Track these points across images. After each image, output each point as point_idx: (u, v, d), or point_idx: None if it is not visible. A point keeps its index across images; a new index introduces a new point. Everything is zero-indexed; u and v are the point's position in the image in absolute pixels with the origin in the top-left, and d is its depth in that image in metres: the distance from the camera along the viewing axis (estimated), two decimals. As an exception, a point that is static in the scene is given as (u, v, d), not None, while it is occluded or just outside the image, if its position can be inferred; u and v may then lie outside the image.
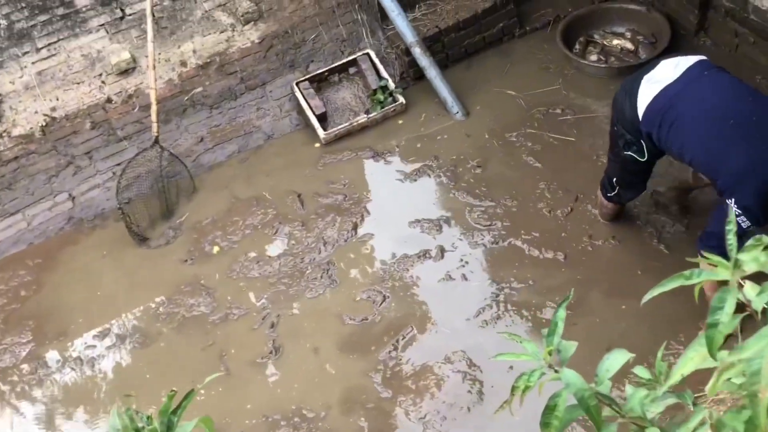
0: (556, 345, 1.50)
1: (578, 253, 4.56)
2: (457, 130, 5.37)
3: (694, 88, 3.62)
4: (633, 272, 4.40)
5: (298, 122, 5.58)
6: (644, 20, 5.75)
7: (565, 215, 4.74)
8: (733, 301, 1.22)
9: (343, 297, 4.59)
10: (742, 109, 3.54)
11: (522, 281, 4.49)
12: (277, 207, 5.11)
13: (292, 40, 5.64)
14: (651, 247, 4.50)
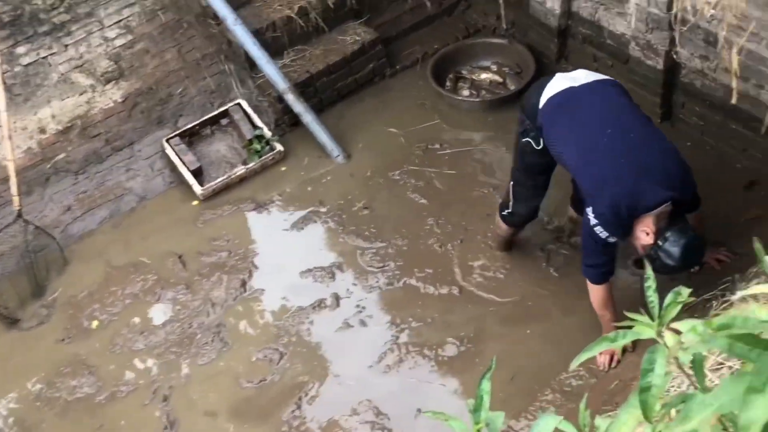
0: (485, 420, 1.48)
1: (473, 285, 4.64)
2: (340, 173, 5.39)
3: (592, 97, 3.85)
4: (528, 298, 4.51)
5: (172, 180, 5.45)
6: (508, 52, 6.01)
7: (456, 249, 4.82)
8: (663, 362, 1.23)
9: (238, 359, 4.47)
10: (624, 124, 3.74)
11: (420, 320, 4.52)
12: (157, 271, 4.95)
13: (157, 96, 5.54)
14: (542, 272, 4.64)
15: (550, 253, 4.71)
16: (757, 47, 4.39)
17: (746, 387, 1.02)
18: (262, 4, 5.77)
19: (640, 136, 3.70)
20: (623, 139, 3.68)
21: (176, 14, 5.67)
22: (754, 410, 1.00)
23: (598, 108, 3.81)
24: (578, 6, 5.46)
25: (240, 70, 5.73)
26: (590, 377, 4.00)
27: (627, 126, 3.73)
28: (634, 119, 3.78)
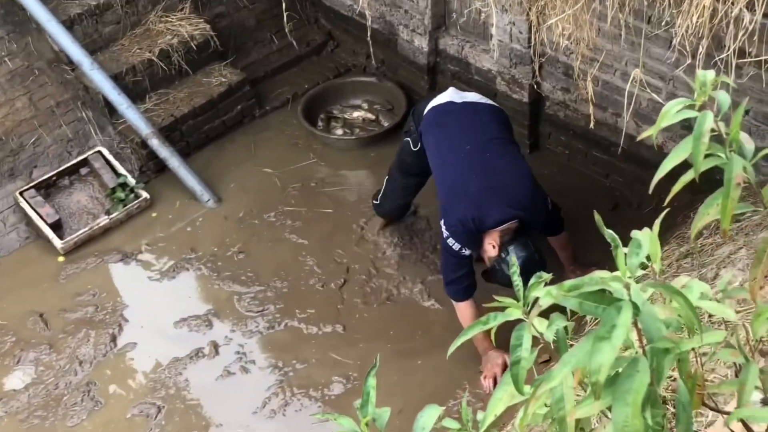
0: (371, 414, 1.54)
1: (357, 322, 4.68)
2: (212, 217, 5.35)
3: (467, 116, 4.22)
4: (415, 330, 4.59)
5: (28, 235, 5.24)
6: (377, 90, 6.21)
7: (339, 287, 4.86)
8: (529, 337, 1.37)
9: (112, 417, 4.31)
10: (485, 145, 4.07)
11: (304, 361, 4.51)
12: (15, 333, 4.72)
13: (8, 147, 5.35)
14: (425, 305, 4.73)
15: (430, 286, 4.82)
16: (612, 78, 4.75)
17: (594, 336, 1.17)
18: (120, 48, 5.73)
19: (498, 157, 4.06)
20: (480, 158, 4.03)
21: (26, 60, 5.53)
22: (601, 355, 1.16)
23: (468, 126, 4.15)
24: (445, 44, 5.71)
25: (99, 117, 5.63)
26: (476, 402, 4.09)
27: (488, 147, 4.08)
28: (498, 143, 4.12)
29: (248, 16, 6.39)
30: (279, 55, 6.44)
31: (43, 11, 5.32)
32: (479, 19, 5.34)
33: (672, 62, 4.20)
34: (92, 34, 5.67)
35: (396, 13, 5.90)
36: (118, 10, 5.73)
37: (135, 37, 5.79)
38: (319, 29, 6.66)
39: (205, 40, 5.88)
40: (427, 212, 5.14)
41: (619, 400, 1.17)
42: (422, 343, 4.48)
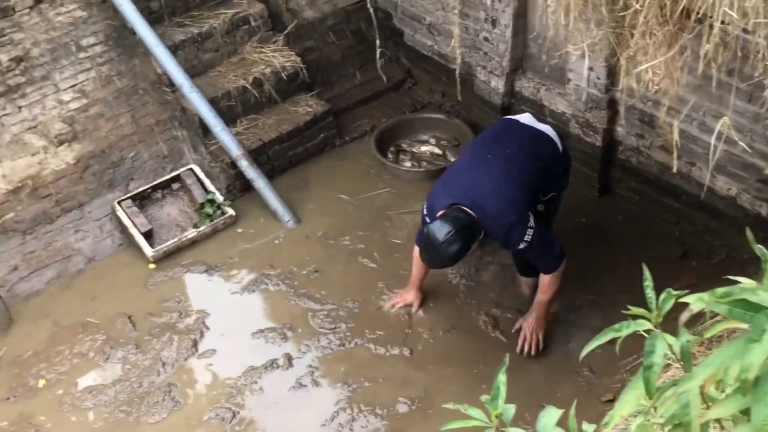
0: (501, 408, 1.67)
1: (423, 347, 4.83)
2: (291, 237, 5.57)
3: (510, 131, 4.59)
4: (479, 359, 4.71)
5: (121, 242, 5.53)
6: (445, 127, 6.41)
7: (406, 312, 5.01)
8: (663, 345, 1.49)
9: (190, 418, 4.51)
10: (499, 157, 4.35)
11: (372, 380, 4.66)
12: (106, 331, 4.98)
13: (110, 159, 5.66)
14: (490, 336, 4.86)
15: (496, 318, 4.95)
16: (689, 127, 4.84)
17: (746, 338, 1.29)
18: (217, 74, 6.03)
19: (497, 169, 4.28)
20: (483, 166, 4.31)
21: (132, 80, 5.86)
22: (752, 355, 1.26)
23: (500, 139, 4.52)
24: (521, 86, 5.88)
25: (193, 137, 5.92)
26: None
27: (499, 158, 4.33)
28: (509, 159, 4.32)
29: (335, 51, 6.66)
30: (361, 89, 6.69)
31: (152, 36, 5.65)
32: (557, 64, 5.50)
33: (752, 116, 4.28)
34: (193, 60, 5.99)
35: (475, 55, 6.10)
36: (218, 39, 6.04)
37: (231, 65, 6.09)
38: (399, 67, 6.89)
39: (295, 72, 6.15)
40: (494, 246, 5.28)
41: (759, 401, 1.27)
42: (487, 372, 4.58)
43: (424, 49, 6.66)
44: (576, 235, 5.32)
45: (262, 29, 6.25)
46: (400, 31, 6.81)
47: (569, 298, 4.96)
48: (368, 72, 6.74)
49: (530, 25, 5.61)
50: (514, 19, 5.61)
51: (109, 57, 5.87)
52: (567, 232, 5.33)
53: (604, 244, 5.27)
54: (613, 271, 5.06)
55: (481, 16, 5.86)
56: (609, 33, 3.91)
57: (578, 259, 5.15)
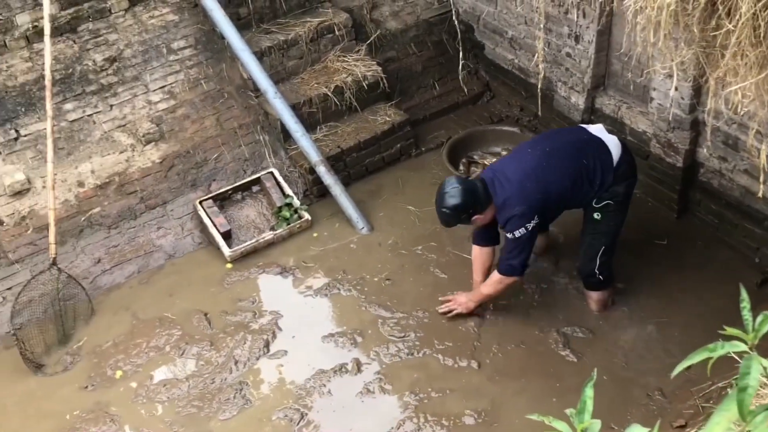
0: (587, 422, 1.65)
1: (492, 361, 4.75)
2: (363, 244, 5.57)
3: (574, 135, 4.66)
4: (548, 376, 4.61)
5: (201, 240, 5.62)
6: (518, 139, 6.25)
7: (477, 325, 4.95)
8: (758, 368, 1.43)
9: (259, 417, 4.53)
10: (549, 155, 4.46)
11: (439, 391, 4.60)
12: (182, 327, 5.05)
13: (193, 160, 5.76)
14: (559, 354, 4.76)
15: (566, 336, 4.85)
16: (773, 150, 4.66)
17: None
18: (300, 81, 6.09)
19: (528, 163, 4.44)
20: (523, 156, 4.53)
21: (218, 84, 5.96)
22: None
23: (549, 138, 4.71)
24: (601, 103, 5.77)
25: (274, 141, 5.98)
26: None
27: (535, 154, 4.47)
28: (544, 156, 4.44)
29: (415, 62, 6.66)
30: (439, 100, 6.67)
31: (240, 42, 5.73)
32: (640, 82, 5.38)
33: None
34: (277, 66, 6.06)
35: (556, 70, 6.01)
36: (303, 46, 6.11)
37: (314, 73, 6.15)
38: (478, 80, 6.85)
39: (376, 81, 6.16)
40: (567, 265, 5.18)
41: None
42: (556, 389, 4.50)
43: (505, 62, 6.60)
44: (653, 256, 5.19)
45: (346, 38, 6.30)
46: (481, 44, 6.77)
47: (642, 319, 4.84)
48: (447, 84, 6.72)
49: (615, 42, 5.50)
50: (598, 36, 5.52)
51: (197, 60, 5.98)
52: (644, 252, 5.21)
53: (681, 267, 5.12)
54: (687, 294, 4.92)
55: (564, 31, 5.77)
56: (699, 53, 3.78)
57: (653, 279, 5.04)
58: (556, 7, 5.72)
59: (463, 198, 4.36)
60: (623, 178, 4.49)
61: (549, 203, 4.44)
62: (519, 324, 4.95)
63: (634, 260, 5.15)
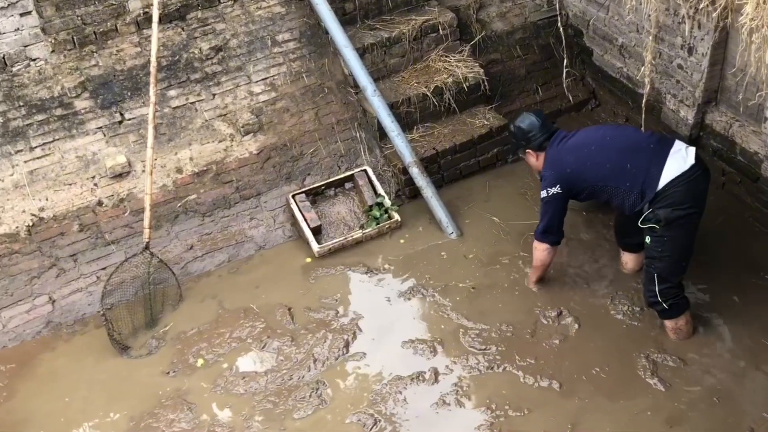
0: None
1: (574, 383, 4.45)
2: (452, 249, 5.33)
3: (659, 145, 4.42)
4: (633, 403, 4.28)
5: (291, 234, 5.51)
6: None
7: (561, 343, 4.65)
8: None
9: (332, 419, 4.38)
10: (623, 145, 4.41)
11: (517, 410, 4.34)
12: (266, 320, 4.96)
13: (290, 153, 5.65)
14: (646, 382, 4.41)
15: (655, 363, 4.49)
16: None
17: None
18: (400, 80, 5.88)
19: (593, 149, 4.44)
20: (593, 137, 4.54)
21: (319, 79, 5.82)
22: None
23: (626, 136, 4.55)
24: (712, 119, 5.34)
25: (370, 139, 5.80)
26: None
27: (603, 140, 4.47)
28: (608, 150, 4.40)
29: (519, 66, 6.34)
30: (541, 106, 6.34)
31: (343, 37, 5.56)
32: (754, 100, 4.93)
33: None
34: (379, 64, 5.87)
35: (666, 82, 5.60)
36: (406, 45, 5.89)
37: (415, 72, 5.92)
38: (584, 87, 6.48)
39: (477, 83, 5.89)
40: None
41: None
42: (639, 418, 4.17)
43: (613, 70, 6.21)
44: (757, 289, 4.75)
45: (450, 38, 6.04)
46: (589, 50, 6.38)
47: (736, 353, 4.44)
48: (551, 89, 6.38)
49: (730, 56, 5.05)
50: (713, 49, 5.09)
51: (300, 54, 5.85)
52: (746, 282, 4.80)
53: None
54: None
55: (677, 42, 5.36)
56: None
57: (755, 315, 4.62)
58: (670, 16, 5.30)
59: (527, 126, 4.66)
60: (668, 203, 4.18)
61: (578, 182, 4.44)
62: (606, 346, 4.62)
63: (737, 292, 4.75)
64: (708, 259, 4.93)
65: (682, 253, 4.32)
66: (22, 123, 5.23)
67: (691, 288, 4.73)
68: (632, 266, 4.97)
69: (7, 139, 5.19)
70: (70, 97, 5.34)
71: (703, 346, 4.53)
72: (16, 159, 5.19)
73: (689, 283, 4.67)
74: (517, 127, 4.72)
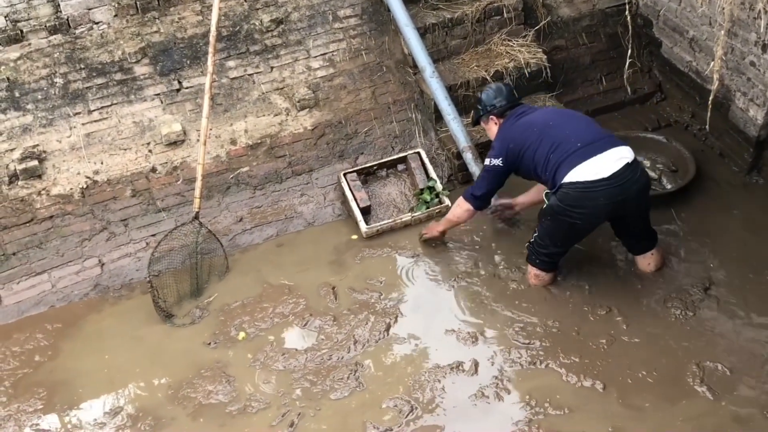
0: None
1: (618, 385, 4.26)
2: (501, 240, 5.16)
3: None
4: (677, 410, 4.08)
5: (340, 212, 5.41)
6: (664, 150, 5.62)
7: (608, 343, 4.46)
8: None
9: (369, 402, 4.29)
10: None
11: (557, 408, 4.17)
12: (309, 298, 4.87)
13: (344, 131, 5.53)
14: (693, 389, 4.19)
15: (705, 371, 4.27)
16: None
17: None
18: (460, 62, 5.69)
19: (537, 122, 4.54)
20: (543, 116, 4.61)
21: (378, 57, 5.67)
22: None
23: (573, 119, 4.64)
24: (783, 121, 5.05)
25: (425, 121, 5.65)
26: None
27: (547, 123, 4.52)
28: (550, 127, 4.47)
29: (584, 54, 6.09)
30: (604, 96, 6.10)
31: (405, 16, 5.40)
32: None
33: None
34: (439, 45, 5.69)
35: (737, 79, 5.30)
36: (468, 26, 5.70)
37: (476, 55, 5.73)
38: (650, 79, 6.20)
39: (539, 70, 5.67)
40: (719, 293, 4.58)
41: None
42: (682, 428, 3.97)
43: (681, 64, 5.91)
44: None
45: (514, 22, 5.83)
46: (658, 41, 6.09)
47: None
48: (615, 80, 6.12)
49: (807, 57, 4.75)
50: (790, 47, 4.79)
51: (361, 31, 5.71)
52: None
53: None
54: None
55: (751, 38, 5.06)
56: None
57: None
58: (746, 11, 5.00)
59: (494, 92, 4.72)
60: (560, 197, 4.31)
61: (516, 160, 4.50)
62: (656, 349, 4.40)
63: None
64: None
65: (552, 239, 4.54)
66: (81, 86, 5.21)
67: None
68: (653, 264, 4.78)
69: (67, 100, 5.18)
70: (130, 63, 5.30)
71: (757, 354, 4.29)
72: (74, 121, 5.18)
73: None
74: (485, 93, 4.77)
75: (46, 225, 5.03)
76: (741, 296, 4.60)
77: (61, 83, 5.17)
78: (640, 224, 4.61)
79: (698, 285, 4.71)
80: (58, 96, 5.17)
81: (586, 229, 4.51)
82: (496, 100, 4.71)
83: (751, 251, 4.86)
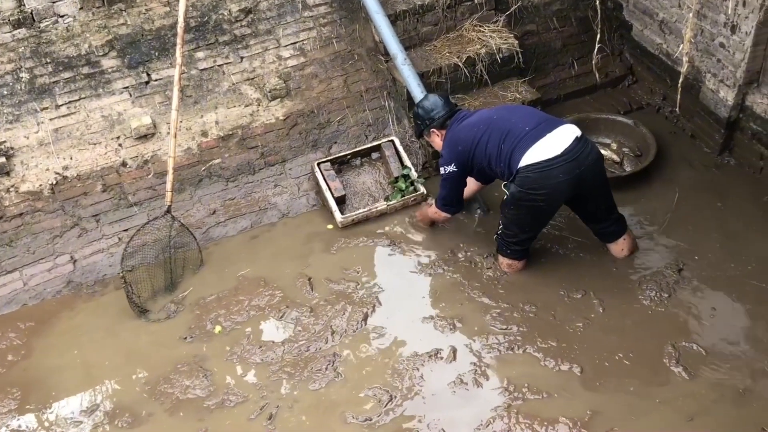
0: None
1: (596, 368, 4.27)
2: (477, 227, 5.15)
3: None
4: (654, 392, 4.10)
5: (315, 202, 5.36)
6: (631, 134, 5.64)
7: (585, 327, 4.47)
8: None
9: (347, 392, 4.27)
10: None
11: (536, 392, 4.18)
12: (285, 289, 4.83)
13: (317, 120, 5.47)
14: (668, 370, 4.21)
15: (681, 351, 4.29)
16: None
17: None
18: (432, 49, 5.65)
19: (481, 122, 4.52)
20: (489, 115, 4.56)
21: (349, 45, 5.61)
22: None
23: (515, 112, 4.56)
24: (753, 101, 5.07)
25: (399, 109, 5.61)
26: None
27: (489, 119, 4.51)
28: (493, 121, 4.47)
29: (555, 38, 6.08)
30: (575, 81, 6.09)
31: (375, 3, 5.35)
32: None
33: None
34: (410, 31, 5.65)
35: (707, 61, 5.32)
36: (439, 13, 5.65)
37: (447, 41, 5.69)
38: (621, 62, 6.20)
39: (510, 55, 5.65)
40: (694, 275, 4.60)
41: None
42: (662, 409, 3.97)
43: (652, 46, 5.92)
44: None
45: (485, 7, 5.80)
46: (628, 25, 6.10)
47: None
48: (587, 63, 6.12)
49: (776, 37, 4.77)
50: (757, 28, 4.81)
51: (331, 19, 5.65)
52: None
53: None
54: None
55: (720, 19, 5.07)
56: None
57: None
58: (715, -8, 5.02)
59: (430, 104, 4.71)
60: (519, 182, 4.32)
61: (469, 161, 4.51)
62: (632, 331, 4.43)
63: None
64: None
65: (520, 226, 4.58)
66: (48, 80, 5.11)
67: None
68: (626, 249, 4.81)
69: (33, 96, 5.08)
70: (97, 56, 5.20)
71: (731, 332, 4.32)
72: (42, 116, 5.08)
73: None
74: (421, 107, 4.75)
75: (16, 222, 4.94)
76: (715, 276, 4.62)
77: (27, 78, 5.07)
78: (602, 203, 4.60)
79: (672, 266, 4.73)
80: (24, 91, 5.06)
81: (550, 210, 4.52)
82: (433, 112, 4.69)
83: (725, 231, 4.89)
